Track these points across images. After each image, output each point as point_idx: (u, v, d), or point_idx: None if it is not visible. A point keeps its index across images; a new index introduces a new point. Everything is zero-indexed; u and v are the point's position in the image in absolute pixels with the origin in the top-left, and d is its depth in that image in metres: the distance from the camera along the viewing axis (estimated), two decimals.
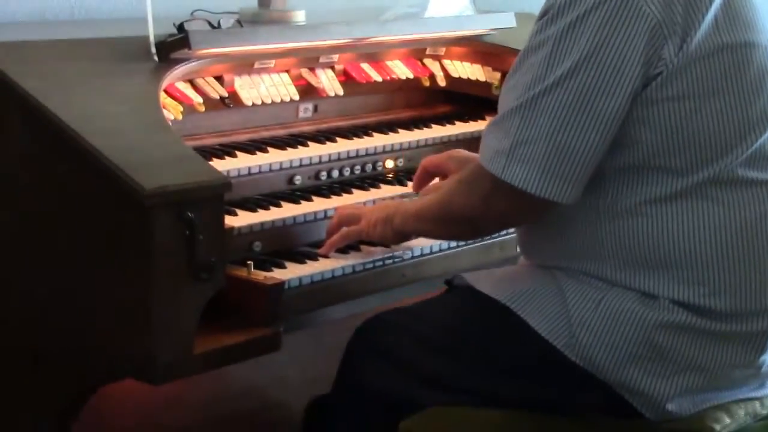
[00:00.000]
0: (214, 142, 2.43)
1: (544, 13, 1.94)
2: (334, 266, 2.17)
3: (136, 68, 2.20)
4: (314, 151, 2.46)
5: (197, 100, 2.34)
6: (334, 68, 2.65)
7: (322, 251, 2.23)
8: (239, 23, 2.48)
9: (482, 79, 2.89)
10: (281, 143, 2.46)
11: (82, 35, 2.33)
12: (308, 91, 2.59)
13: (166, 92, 2.26)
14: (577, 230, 1.99)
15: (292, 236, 2.27)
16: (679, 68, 1.89)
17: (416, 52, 2.84)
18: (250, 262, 2.08)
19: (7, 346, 2.11)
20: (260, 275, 2.07)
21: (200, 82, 2.38)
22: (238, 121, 2.51)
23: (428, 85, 2.85)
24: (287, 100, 2.53)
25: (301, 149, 2.45)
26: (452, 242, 2.37)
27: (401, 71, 2.78)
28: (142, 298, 1.89)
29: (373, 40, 2.65)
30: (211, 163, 2.17)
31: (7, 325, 2.10)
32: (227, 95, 2.41)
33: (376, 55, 2.74)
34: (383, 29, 2.66)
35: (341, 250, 2.25)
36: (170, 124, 2.11)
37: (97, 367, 1.99)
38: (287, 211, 2.27)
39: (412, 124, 2.74)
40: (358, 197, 2.39)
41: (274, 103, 2.50)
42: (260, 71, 2.49)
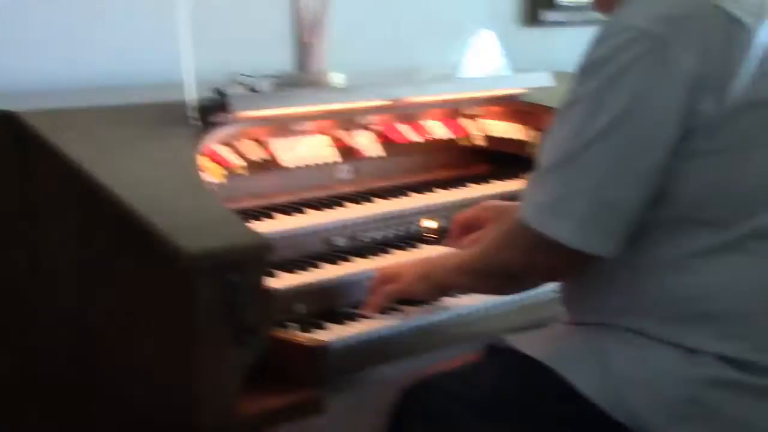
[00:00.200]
0: (253, 204, 2.43)
1: (582, 67, 1.94)
2: (377, 327, 2.17)
3: (175, 132, 2.22)
4: (353, 212, 2.47)
5: (237, 162, 2.36)
6: (371, 129, 2.66)
7: (364, 312, 2.22)
8: (277, 86, 2.50)
9: (519, 137, 2.89)
10: (320, 204, 2.46)
11: (122, 101, 2.35)
12: (346, 152, 2.60)
13: (206, 155, 2.28)
14: (619, 285, 1.98)
15: (332, 297, 2.26)
16: (717, 122, 1.89)
17: (453, 112, 2.85)
18: (292, 324, 2.07)
19: (51, 407, 2.11)
20: (303, 337, 2.06)
21: (239, 145, 2.39)
22: (277, 183, 2.52)
23: (465, 144, 2.86)
24: (326, 162, 2.54)
25: (339, 210, 2.46)
26: (496, 301, 2.35)
27: (438, 131, 2.79)
28: (184, 362, 1.89)
29: (410, 100, 2.66)
30: (251, 225, 2.18)
31: (51, 389, 2.11)
32: (266, 158, 2.42)
33: (413, 115, 2.75)
34: (420, 90, 2.68)
35: (384, 310, 2.24)
36: (210, 187, 2.12)
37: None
38: (327, 272, 2.27)
39: (450, 184, 2.74)
40: (397, 257, 2.38)
41: (312, 165, 2.52)
42: (299, 133, 2.51)
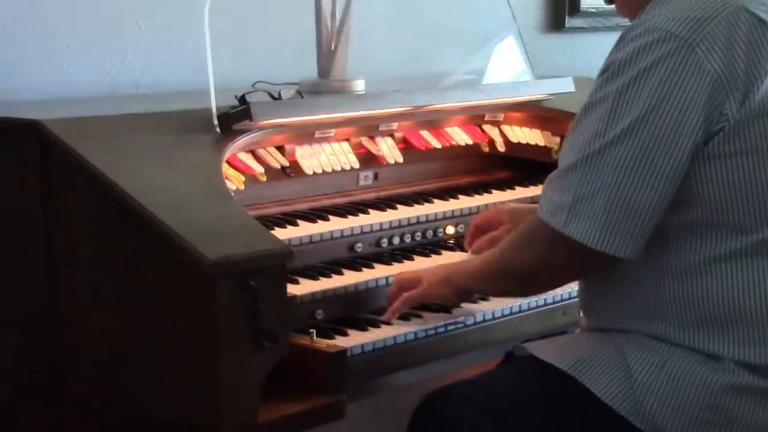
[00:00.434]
0: (275, 211, 2.45)
1: (605, 69, 1.95)
2: (396, 333, 2.18)
3: (198, 140, 2.23)
4: (375, 218, 2.48)
5: (259, 170, 2.37)
6: (393, 136, 2.67)
7: (385, 318, 2.23)
8: (299, 94, 2.51)
9: (541, 143, 2.89)
10: (342, 211, 2.47)
11: (146, 109, 2.37)
12: (368, 159, 2.61)
13: (228, 163, 2.29)
14: (639, 289, 1.98)
15: (353, 303, 2.28)
16: (741, 124, 1.89)
17: (475, 118, 2.86)
18: (312, 330, 2.08)
19: (75, 411, 2.13)
20: (323, 343, 2.07)
21: (262, 152, 2.41)
22: (299, 189, 2.54)
23: (487, 150, 2.87)
24: (347, 168, 2.55)
25: (361, 216, 2.47)
26: (514, 308, 2.36)
27: (460, 137, 2.80)
28: (205, 367, 1.90)
29: (432, 107, 2.67)
30: (272, 232, 2.19)
31: (74, 390, 2.12)
32: (288, 165, 2.43)
33: (435, 122, 2.76)
34: (442, 96, 2.68)
35: (403, 317, 2.25)
36: (233, 194, 2.13)
37: None
38: (349, 278, 2.28)
39: (472, 189, 2.74)
40: (419, 264, 2.39)
41: (334, 171, 2.53)
42: (321, 140, 2.52)
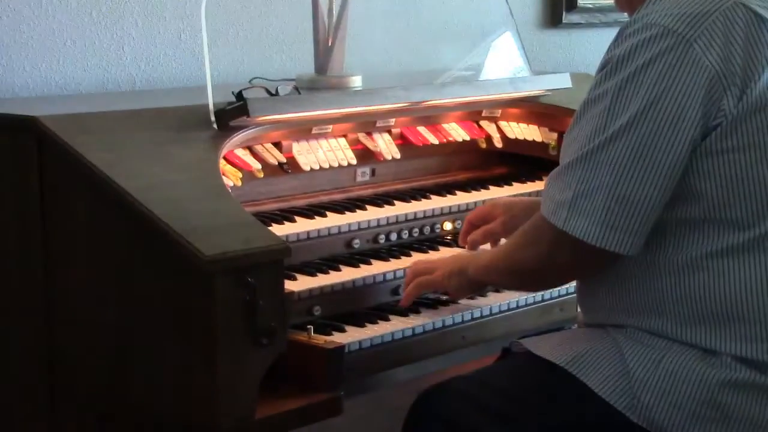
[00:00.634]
0: (273, 207, 2.45)
1: (603, 65, 1.95)
2: (393, 329, 2.18)
3: (196, 136, 2.23)
4: (372, 214, 2.48)
5: (256, 166, 2.37)
6: (391, 132, 2.67)
7: (401, 303, 2.25)
8: (297, 90, 2.51)
9: (539, 139, 2.89)
10: (339, 207, 2.47)
11: (143, 105, 2.37)
12: (365, 155, 2.61)
13: (225, 159, 2.29)
14: (637, 284, 1.99)
15: (351, 300, 2.28)
16: (738, 119, 1.89)
17: (472, 114, 2.86)
18: (310, 326, 2.09)
19: (73, 408, 2.13)
20: (320, 339, 2.07)
21: (259, 148, 2.41)
22: (296, 186, 2.53)
23: (485, 146, 2.86)
24: (345, 164, 2.55)
25: (359, 213, 2.47)
26: (512, 303, 2.37)
27: (458, 134, 2.80)
28: (203, 364, 1.90)
29: (429, 103, 2.67)
30: (270, 228, 2.19)
31: (73, 387, 2.13)
32: (285, 161, 2.43)
33: (432, 118, 2.76)
34: (439, 92, 2.68)
35: (401, 312, 2.25)
36: (230, 190, 2.14)
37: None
38: (346, 274, 2.28)
39: (469, 186, 2.75)
40: (416, 260, 2.39)
41: (331, 167, 2.53)
42: (318, 137, 2.52)
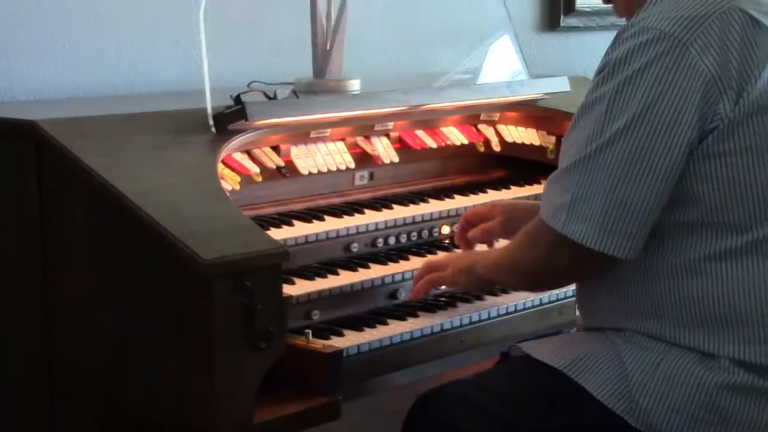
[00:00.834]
0: (271, 211, 2.45)
1: (601, 69, 1.95)
2: (392, 333, 2.18)
3: (194, 140, 2.23)
4: (370, 218, 2.48)
5: (254, 170, 2.37)
6: (389, 136, 2.67)
7: (409, 297, 2.28)
8: (295, 94, 2.51)
9: (537, 143, 2.89)
10: (338, 211, 2.47)
11: (141, 109, 2.36)
12: (364, 158, 2.61)
13: (223, 163, 2.29)
14: (635, 288, 1.99)
15: (350, 304, 2.28)
16: (735, 123, 1.90)
17: (470, 117, 2.86)
18: (308, 330, 2.09)
19: (72, 410, 2.13)
20: (318, 343, 2.07)
21: (257, 152, 2.41)
22: (294, 190, 2.54)
23: (483, 150, 2.87)
24: (343, 168, 2.55)
25: (357, 217, 2.47)
26: (510, 307, 2.37)
27: (456, 137, 2.80)
28: (201, 368, 1.90)
29: (427, 107, 2.67)
30: (268, 232, 2.19)
31: (72, 389, 2.13)
32: (284, 165, 2.43)
33: (430, 121, 2.76)
34: (438, 96, 2.68)
35: (399, 317, 2.25)
36: (228, 194, 2.13)
37: None
38: (344, 278, 2.28)
39: (467, 189, 2.75)
40: (414, 264, 2.39)
41: (330, 171, 2.53)
42: (316, 140, 2.52)
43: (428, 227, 2.57)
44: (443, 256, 2.37)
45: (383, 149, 2.64)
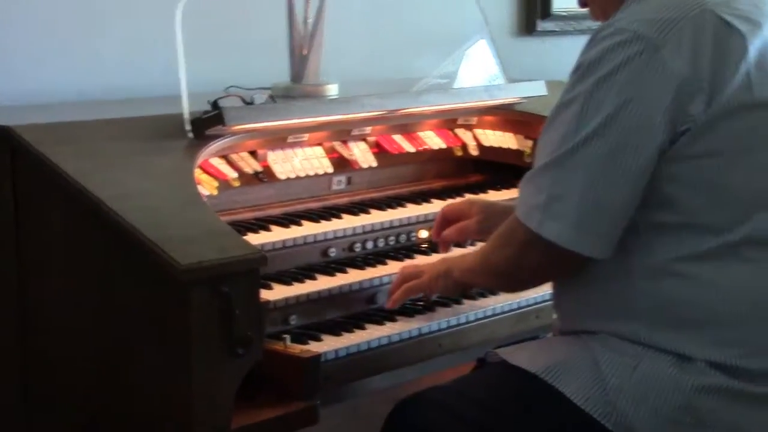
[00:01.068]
0: (248, 216, 2.44)
1: (575, 69, 1.97)
2: (370, 338, 2.18)
3: (171, 145, 2.23)
4: (348, 223, 2.48)
5: (232, 175, 2.37)
6: (366, 140, 2.67)
7: (387, 306, 2.27)
8: (272, 98, 2.51)
9: (514, 147, 2.90)
10: (315, 216, 2.47)
11: (118, 114, 2.36)
12: (341, 163, 2.61)
13: (201, 168, 2.29)
14: (612, 289, 2.00)
15: (327, 308, 2.27)
16: (707, 125, 1.91)
17: (448, 122, 2.86)
18: (286, 335, 2.08)
19: (51, 417, 2.12)
20: (296, 348, 2.07)
21: (234, 157, 2.40)
22: (272, 195, 2.53)
23: (460, 154, 2.87)
24: (320, 173, 2.55)
25: (335, 221, 2.47)
26: (488, 311, 2.37)
27: (433, 142, 2.80)
28: (179, 373, 1.90)
29: (405, 111, 2.67)
30: (246, 237, 2.19)
31: (51, 397, 2.12)
32: (261, 170, 2.43)
33: (408, 126, 2.76)
34: (415, 101, 2.68)
35: (377, 321, 2.25)
36: (205, 199, 2.13)
37: None
38: (322, 283, 2.28)
39: (445, 193, 2.75)
40: (393, 268, 2.39)
41: (307, 176, 2.53)
42: (293, 145, 2.52)
43: (406, 232, 2.57)
44: (418, 263, 2.36)
45: (361, 154, 2.64)
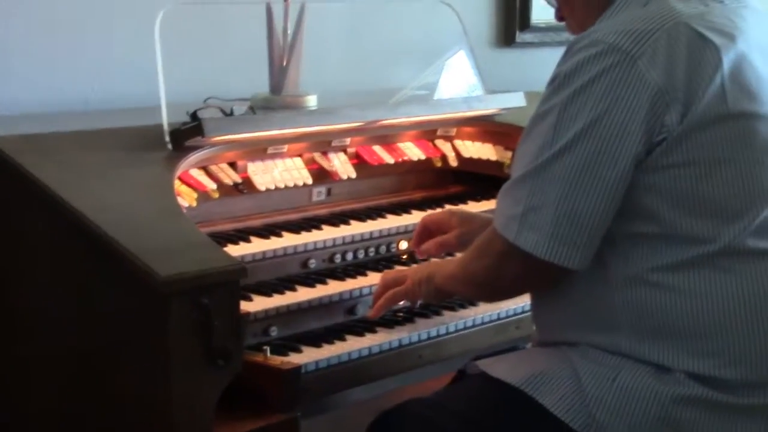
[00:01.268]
0: (228, 227, 2.44)
1: (552, 80, 1.97)
2: (350, 349, 2.17)
3: (150, 157, 2.23)
4: (328, 234, 2.48)
5: (211, 186, 2.36)
6: (346, 151, 2.67)
7: (371, 315, 2.26)
8: (252, 110, 2.51)
9: (493, 158, 2.91)
10: (295, 227, 2.47)
11: (97, 125, 2.35)
12: (321, 174, 2.61)
13: (180, 179, 2.28)
14: (589, 300, 2.00)
15: (308, 320, 2.27)
16: (682, 135, 1.92)
17: (427, 133, 2.87)
18: (266, 347, 2.08)
19: (31, 427, 2.11)
20: (277, 360, 2.07)
21: (214, 168, 2.40)
22: (252, 206, 2.53)
23: (440, 165, 2.87)
24: (300, 184, 2.55)
25: (315, 233, 2.47)
26: (468, 322, 2.38)
27: (413, 153, 2.80)
28: (158, 385, 1.89)
29: (384, 122, 2.67)
30: (225, 248, 2.18)
31: (27, 410, 2.10)
32: (241, 181, 2.43)
33: (387, 137, 2.77)
34: (394, 112, 2.69)
35: (357, 332, 2.25)
36: (185, 210, 2.13)
37: None
38: (302, 294, 2.28)
39: (425, 204, 2.75)
40: (372, 279, 2.39)
41: (287, 187, 2.52)
42: (273, 156, 2.52)
43: (386, 243, 2.57)
44: (400, 270, 2.37)
45: (340, 165, 2.64)
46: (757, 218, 1.96)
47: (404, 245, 2.60)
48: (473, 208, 2.78)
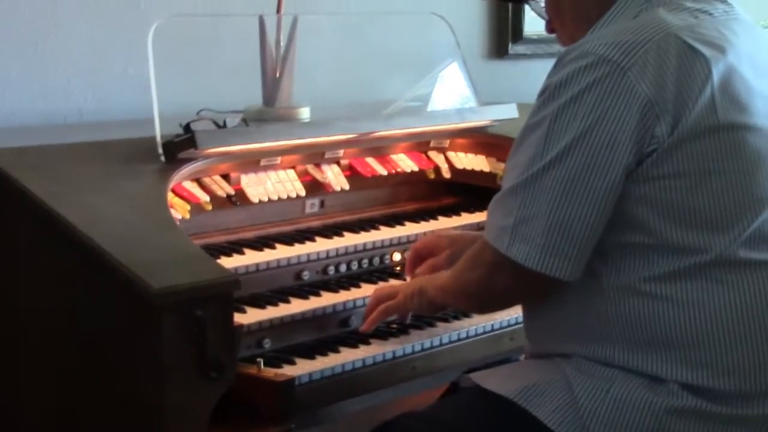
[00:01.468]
0: (221, 239, 2.44)
1: (542, 92, 1.98)
2: (344, 360, 2.17)
3: (143, 169, 2.23)
4: (321, 246, 2.48)
5: (204, 198, 2.36)
6: (339, 163, 2.68)
7: (363, 328, 2.26)
8: (245, 122, 2.51)
9: (486, 169, 2.91)
10: (288, 239, 2.47)
11: (90, 138, 2.35)
12: (314, 186, 2.61)
13: (173, 192, 2.28)
14: (581, 311, 2.00)
15: (301, 332, 2.27)
16: (673, 146, 1.92)
17: (420, 145, 2.87)
18: (259, 359, 2.08)
19: None
20: (270, 372, 2.07)
21: (207, 180, 2.40)
22: (245, 218, 2.53)
23: (433, 177, 2.88)
24: (293, 196, 2.55)
25: (308, 244, 2.47)
26: (462, 333, 2.37)
27: (406, 164, 2.81)
28: (152, 397, 1.89)
29: (377, 134, 2.68)
30: (219, 260, 2.19)
31: (19, 423, 2.10)
32: (234, 193, 2.43)
33: (380, 149, 2.77)
34: (387, 124, 2.69)
35: (351, 344, 2.25)
36: (178, 223, 2.13)
37: None
38: (296, 306, 2.28)
39: (418, 216, 2.75)
40: (366, 291, 2.39)
41: (280, 199, 2.52)
42: (266, 168, 2.52)
43: (379, 254, 2.57)
44: (392, 284, 2.36)
45: (334, 177, 2.64)
46: (747, 229, 1.97)
47: (398, 257, 2.60)
48: (466, 219, 2.79)
